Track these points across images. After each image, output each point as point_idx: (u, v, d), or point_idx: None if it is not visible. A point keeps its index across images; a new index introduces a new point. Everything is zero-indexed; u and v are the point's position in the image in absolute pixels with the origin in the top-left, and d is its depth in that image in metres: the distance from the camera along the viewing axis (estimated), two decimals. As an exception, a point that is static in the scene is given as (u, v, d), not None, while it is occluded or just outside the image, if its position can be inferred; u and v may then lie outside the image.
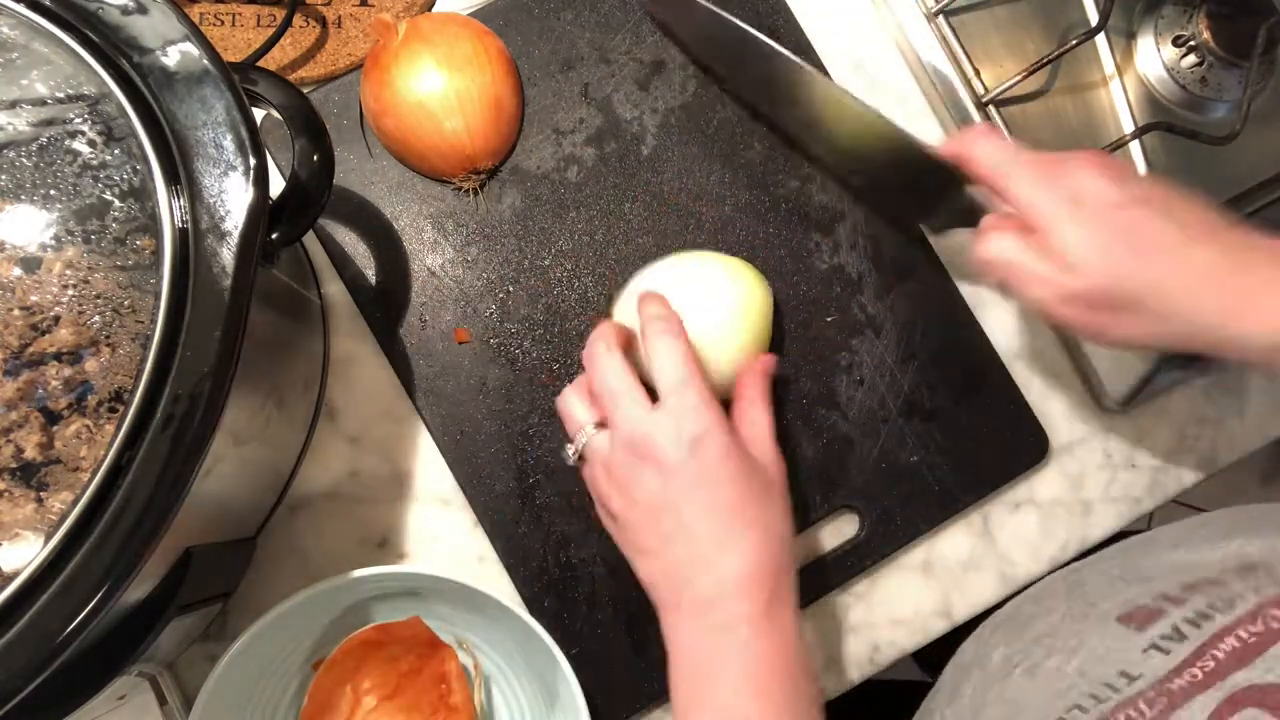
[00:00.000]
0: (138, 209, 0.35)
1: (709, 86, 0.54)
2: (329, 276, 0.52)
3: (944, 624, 0.52)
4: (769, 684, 0.38)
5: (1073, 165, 0.41)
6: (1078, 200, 0.40)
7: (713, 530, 0.40)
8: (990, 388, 0.53)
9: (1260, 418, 0.55)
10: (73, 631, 0.29)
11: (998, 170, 0.42)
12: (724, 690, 0.38)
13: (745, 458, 0.42)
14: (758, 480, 0.42)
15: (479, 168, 0.51)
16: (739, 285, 0.47)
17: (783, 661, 0.39)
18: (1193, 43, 0.55)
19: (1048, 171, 0.41)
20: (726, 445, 0.41)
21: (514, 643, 0.48)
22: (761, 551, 0.40)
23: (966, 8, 0.55)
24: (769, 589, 0.39)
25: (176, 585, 0.38)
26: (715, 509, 0.40)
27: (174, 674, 0.48)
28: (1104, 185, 0.40)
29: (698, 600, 0.40)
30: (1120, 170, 0.41)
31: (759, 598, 0.39)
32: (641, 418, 0.41)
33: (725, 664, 0.39)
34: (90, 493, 0.30)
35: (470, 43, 0.50)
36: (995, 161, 0.42)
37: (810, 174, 0.54)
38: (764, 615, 0.39)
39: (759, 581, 0.39)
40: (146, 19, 0.35)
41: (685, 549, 0.40)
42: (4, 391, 0.34)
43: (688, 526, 0.40)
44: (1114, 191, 0.39)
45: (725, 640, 0.39)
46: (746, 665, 0.38)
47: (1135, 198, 0.39)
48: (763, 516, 0.41)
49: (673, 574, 0.41)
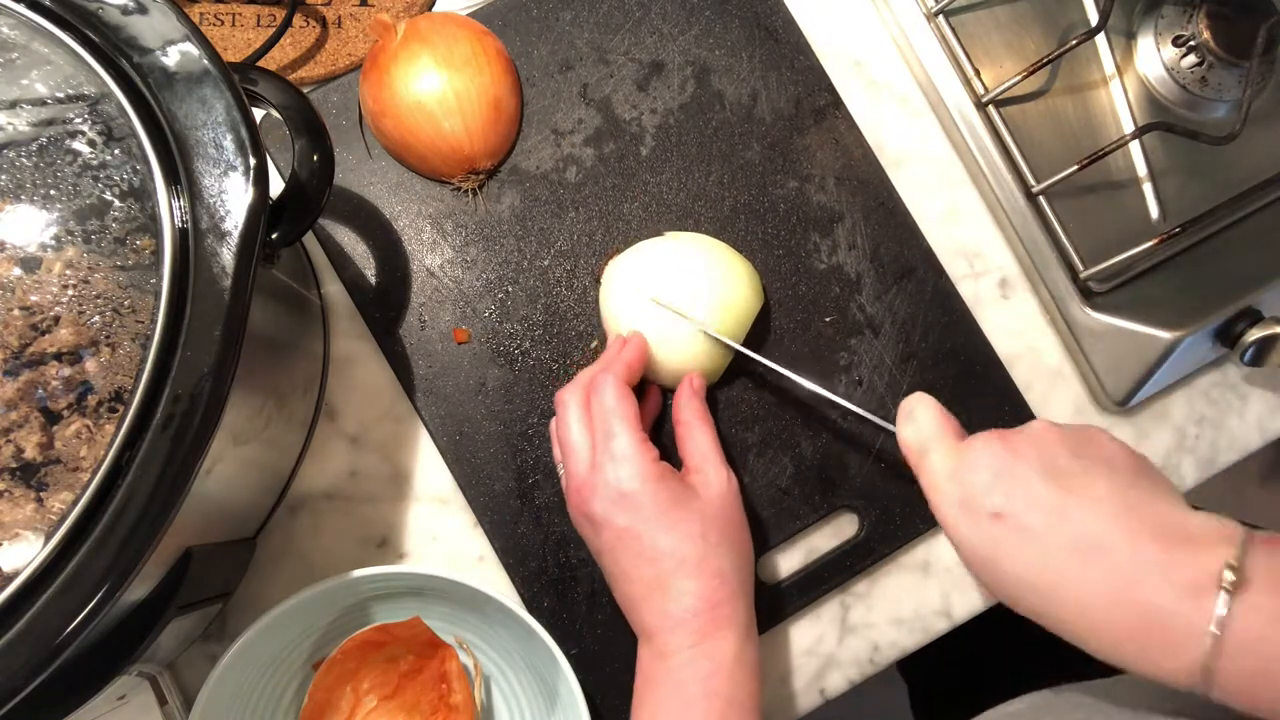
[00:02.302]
0: (138, 209, 0.35)
1: (708, 86, 0.54)
2: (329, 276, 0.52)
3: (944, 624, 0.52)
4: (687, 710, 0.41)
5: (971, 457, 0.38)
6: (965, 502, 0.37)
7: (645, 576, 0.42)
8: (990, 388, 0.53)
9: (1260, 418, 0.55)
10: (73, 631, 0.29)
11: (913, 454, 0.41)
12: (645, 714, 0.42)
13: (677, 503, 0.43)
14: (694, 520, 0.43)
15: (478, 168, 0.51)
16: (724, 266, 0.48)
17: (708, 688, 0.41)
18: (1193, 43, 0.55)
19: (951, 465, 0.39)
20: (654, 494, 0.42)
21: (514, 643, 0.48)
22: (695, 591, 0.42)
23: (966, 8, 0.55)
24: (704, 621, 0.41)
25: (176, 585, 0.38)
26: (645, 558, 0.42)
27: (174, 674, 0.48)
28: (989, 486, 0.37)
29: (642, 628, 0.43)
30: (1020, 455, 0.37)
31: (691, 629, 0.41)
32: (581, 475, 0.44)
33: (654, 689, 0.42)
34: (90, 493, 0.30)
35: (469, 43, 0.50)
36: (914, 444, 0.41)
37: (809, 174, 0.54)
38: (694, 646, 0.41)
39: (694, 615, 0.41)
40: (146, 19, 0.35)
41: (629, 587, 0.43)
42: (4, 391, 0.34)
43: (626, 572, 0.43)
44: (997, 498, 0.36)
45: (659, 667, 0.42)
46: (670, 691, 0.41)
47: (1019, 505, 0.36)
48: (695, 555, 0.42)
49: (627, 605, 0.44)
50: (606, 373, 0.45)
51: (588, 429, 0.45)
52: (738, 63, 0.54)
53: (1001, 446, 0.37)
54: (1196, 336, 0.51)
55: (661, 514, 0.42)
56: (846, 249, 0.53)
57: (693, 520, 0.43)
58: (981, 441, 0.38)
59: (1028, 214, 0.53)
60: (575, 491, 0.44)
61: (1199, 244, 0.54)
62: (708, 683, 0.41)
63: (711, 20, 0.54)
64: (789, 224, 0.53)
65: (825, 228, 0.53)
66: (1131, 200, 0.54)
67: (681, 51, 0.54)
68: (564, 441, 0.45)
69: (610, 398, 0.44)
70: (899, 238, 0.53)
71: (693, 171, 0.53)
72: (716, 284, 0.47)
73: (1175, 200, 0.54)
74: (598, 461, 0.43)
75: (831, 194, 0.53)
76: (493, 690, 0.50)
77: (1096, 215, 0.54)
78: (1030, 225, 0.53)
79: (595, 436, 0.44)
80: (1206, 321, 0.51)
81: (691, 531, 0.42)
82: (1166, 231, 0.51)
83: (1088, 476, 0.36)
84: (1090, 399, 0.54)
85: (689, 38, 0.54)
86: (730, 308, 0.48)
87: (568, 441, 0.45)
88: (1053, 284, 0.53)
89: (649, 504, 0.42)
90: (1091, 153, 0.51)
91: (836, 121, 0.54)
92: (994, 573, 0.36)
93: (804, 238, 0.53)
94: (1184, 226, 0.51)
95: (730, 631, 0.42)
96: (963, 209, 0.55)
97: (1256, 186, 0.54)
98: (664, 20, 0.54)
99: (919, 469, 0.40)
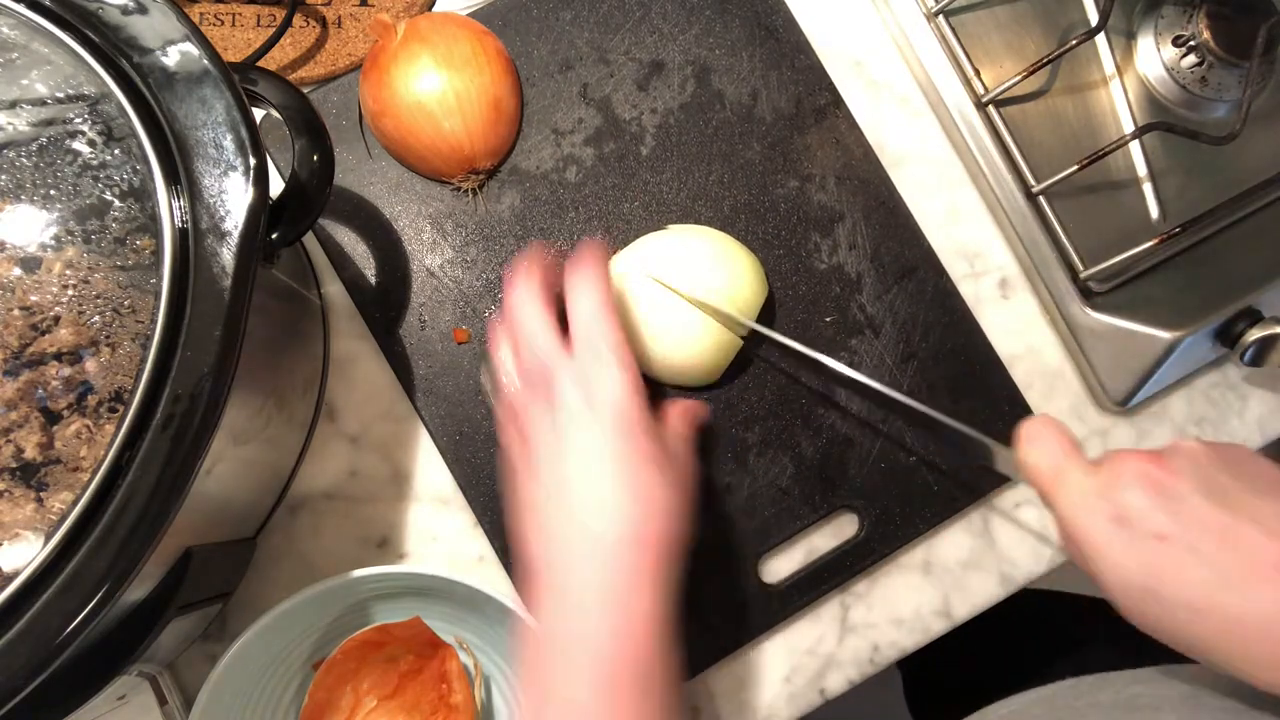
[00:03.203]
0: (138, 209, 0.35)
1: (708, 86, 0.54)
2: (329, 276, 0.52)
3: (944, 624, 0.52)
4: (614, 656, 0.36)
5: (1125, 476, 0.37)
6: (1121, 520, 0.36)
7: (592, 485, 0.38)
8: (990, 388, 0.53)
9: (1260, 418, 0.55)
10: (73, 631, 0.29)
11: (1045, 477, 0.39)
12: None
13: (647, 427, 0.39)
14: (658, 456, 0.39)
15: (478, 168, 0.51)
16: (729, 255, 0.48)
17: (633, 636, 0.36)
18: (1193, 43, 0.55)
19: (1096, 484, 0.38)
20: (626, 400, 0.38)
21: (514, 643, 0.48)
22: (643, 519, 0.37)
23: (966, 8, 0.55)
24: (650, 556, 0.37)
25: (176, 585, 0.38)
26: (601, 461, 0.38)
27: (174, 674, 0.48)
28: (1150, 506, 0.36)
29: (559, 562, 0.38)
30: (1179, 474, 0.36)
31: (625, 562, 0.36)
32: (549, 351, 0.40)
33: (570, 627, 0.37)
34: (90, 493, 0.30)
35: (469, 43, 0.50)
36: (1045, 467, 0.40)
37: (810, 174, 0.54)
38: (627, 584, 0.36)
39: (634, 545, 0.37)
40: (146, 19, 0.35)
41: (559, 503, 0.38)
42: (4, 391, 0.34)
43: (569, 479, 0.38)
44: (1160, 518, 0.35)
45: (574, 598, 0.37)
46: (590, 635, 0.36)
47: (1184, 526, 0.35)
48: (651, 487, 0.38)
49: (548, 531, 0.39)
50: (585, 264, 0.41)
51: (546, 311, 0.41)
52: (738, 62, 0.54)
53: (1157, 466, 0.36)
54: (1196, 336, 0.51)
55: (632, 426, 0.38)
56: (847, 249, 0.53)
57: (656, 455, 0.39)
58: (1135, 460, 0.37)
59: (1028, 214, 0.53)
60: (527, 373, 0.40)
61: (1199, 244, 0.54)
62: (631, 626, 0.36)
63: (712, 19, 0.54)
64: (789, 223, 0.53)
65: (826, 227, 0.53)
66: (1131, 200, 0.54)
67: (682, 51, 0.54)
68: (514, 318, 0.41)
69: (587, 277, 0.40)
70: (899, 237, 0.53)
71: (693, 171, 0.53)
72: (722, 273, 0.48)
73: (1175, 200, 0.54)
74: (577, 340, 0.40)
75: (832, 194, 0.53)
76: (493, 690, 0.50)
77: (1096, 215, 0.54)
78: (1030, 225, 0.53)
79: (570, 316, 0.40)
80: (1206, 321, 0.51)
81: (655, 466, 0.39)
82: (1166, 231, 0.51)
83: (1252, 496, 0.35)
84: (1090, 399, 0.54)
85: (689, 37, 0.54)
86: (737, 297, 0.48)
87: (518, 317, 0.41)
88: (1053, 284, 0.53)
89: (620, 407, 0.38)
90: (1091, 153, 0.51)
91: (837, 121, 0.54)
92: (1152, 595, 0.35)
93: (804, 237, 0.53)
94: (1184, 226, 0.51)
95: (652, 593, 0.37)
96: (963, 209, 0.55)
97: (1256, 186, 0.54)
98: (664, 20, 0.54)
99: (1054, 491, 0.39)
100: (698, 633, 0.49)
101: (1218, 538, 0.34)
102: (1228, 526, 0.34)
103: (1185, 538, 0.35)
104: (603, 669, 0.35)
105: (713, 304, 0.47)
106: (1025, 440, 0.41)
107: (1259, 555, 0.33)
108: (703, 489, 0.50)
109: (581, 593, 0.36)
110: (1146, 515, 0.35)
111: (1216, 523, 0.34)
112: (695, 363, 0.48)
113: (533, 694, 0.37)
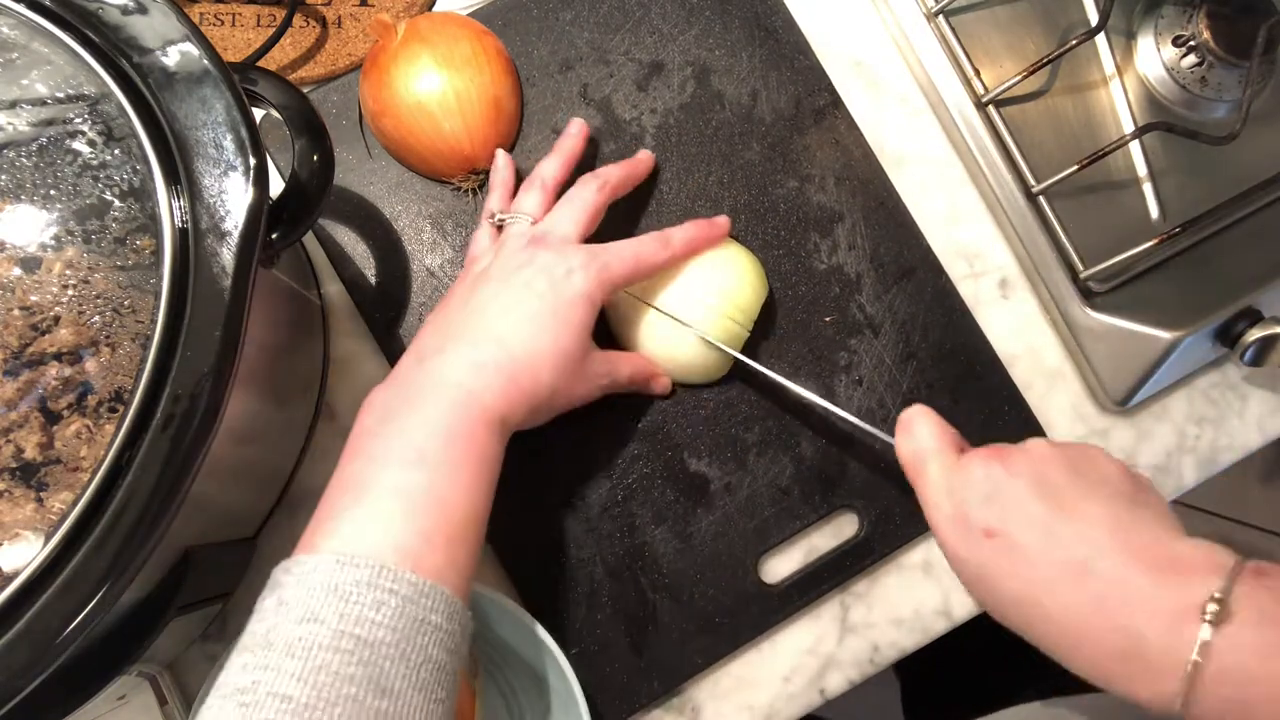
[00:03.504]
0: (138, 209, 0.35)
1: (708, 86, 0.54)
2: (329, 276, 0.52)
3: (944, 624, 0.52)
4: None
5: (967, 473, 0.38)
6: (959, 517, 0.37)
7: (513, 315, 0.42)
8: (990, 388, 0.53)
9: (1260, 418, 0.55)
10: (73, 631, 0.29)
11: (910, 467, 0.41)
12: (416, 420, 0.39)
13: (589, 321, 0.44)
14: (575, 318, 0.43)
15: (478, 168, 0.51)
16: (729, 256, 0.49)
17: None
18: (1193, 43, 0.55)
19: (946, 480, 0.39)
20: (589, 283, 0.43)
21: (514, 642, 0.48)
22: (527, 362, 0.41)
23: (966, 8, 0.55)
24: (514, 393, 0.41)
25: (176, 585, 0.38)
26: (540, 302, 0.42)
27: (174, 674, 0.48)
28: (982, 503, 0.37)
29: (438, 348, 0.41)
30: (1016, 474, 0.36)
31: (493, 384, 0.40)
32: (530, 202, 0.47)
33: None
34: (90, 493, 0.30)
35: (469, 43, 0.50)
36: (909, 458, 0.41)
37: (809, 174, 0.54)
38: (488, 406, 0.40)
39: (509, 380, 0.41)
40: (146, 19, 0.35)
41: (479, 311, 0.42)
42: (4, 391, 0.34)
43: (499, 299, 0.43)
44: (989, 515, 0.36)
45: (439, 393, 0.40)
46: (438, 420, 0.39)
47: (1011, 524, 0.36)
48: (561, 337, 0.42)
49: (449, 324, 0.43)
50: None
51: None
52: (738, 63, 0.54)
53: (998, 463, 0.37)
54: (1196, 336, 0.51)
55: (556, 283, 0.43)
56: (846, 249, 0.53)
57: (574, 311, 0.43)
58: (979, 458, 0.38)
59: (1028, 214, 0.53)
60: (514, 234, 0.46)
61: (1199, 244, 0.54)
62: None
63: (711, 20, 0.54)
64: (789, 224, 0.53)
65: (825, 228, 0.53)
66: (1131, 200, 0.54)
67: (681, 51, 0.54)
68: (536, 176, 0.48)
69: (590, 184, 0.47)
70: (899, 238, 0.53)
71: (693, 171, 0.53)
72: (723, 273, 0.48)
73: (1175, 200, 0.54)
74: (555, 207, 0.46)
75: (831, 194, 0.53)
76: (493, 690, 0.50)
77: (1096, 215, 0.54)
78: (1030, 225, 0.53)
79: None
80: (1206, 321, 0.51)
81: (564, 323, 0.43)
82: (1166, 231, 0.51)
83: (1082, 497, 0.36)
84: (1090, 399, 0.54)
85: (689, 37, 0.54)
86: (738, 297, 0.48)
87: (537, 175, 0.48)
88: (1053, 284, 0.53)
89: (551, 260, 0.44)
90: (1091, 153, 0.51)
91: (836, 121, 0.54)
92: (984, 588, 0.37)
93: (804, 238, 0.53)
94: (1184, 226, 0.51)
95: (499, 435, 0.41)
96: (963, 209, 0.55)
97: (1256, 186, 0.54)
98: (664, 20, 0.54)
99: (916, 482, 0.40)
100: (697, 632, 0.49)
101: (1041, 537, 0.35)
102: (1050, 526, 0.35)
103: (1011, 535, 0.35)
104: (442, 423, 0.39)
105: (696, 327, 0.47)
106: (899, 430, 0.42)
107: (1073, 555, 0.34)
108: (703, 489, 0.50)
109: (444, 372, 0.40)
110: (978, 512, 0.36)
111: (1041, 522, 0.35)
112: (701, 364, 0.48)
113: (372, 426, 0.40)
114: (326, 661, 0.31)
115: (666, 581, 0.50)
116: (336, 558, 0.34)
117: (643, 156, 0.51)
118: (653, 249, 0.46)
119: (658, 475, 0.50)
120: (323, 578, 0.33)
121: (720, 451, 0.51)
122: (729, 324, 0.48)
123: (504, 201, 0.49)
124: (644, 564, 0.50)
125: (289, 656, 0.31)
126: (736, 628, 0.50)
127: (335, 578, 0.33)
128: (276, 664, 0.31)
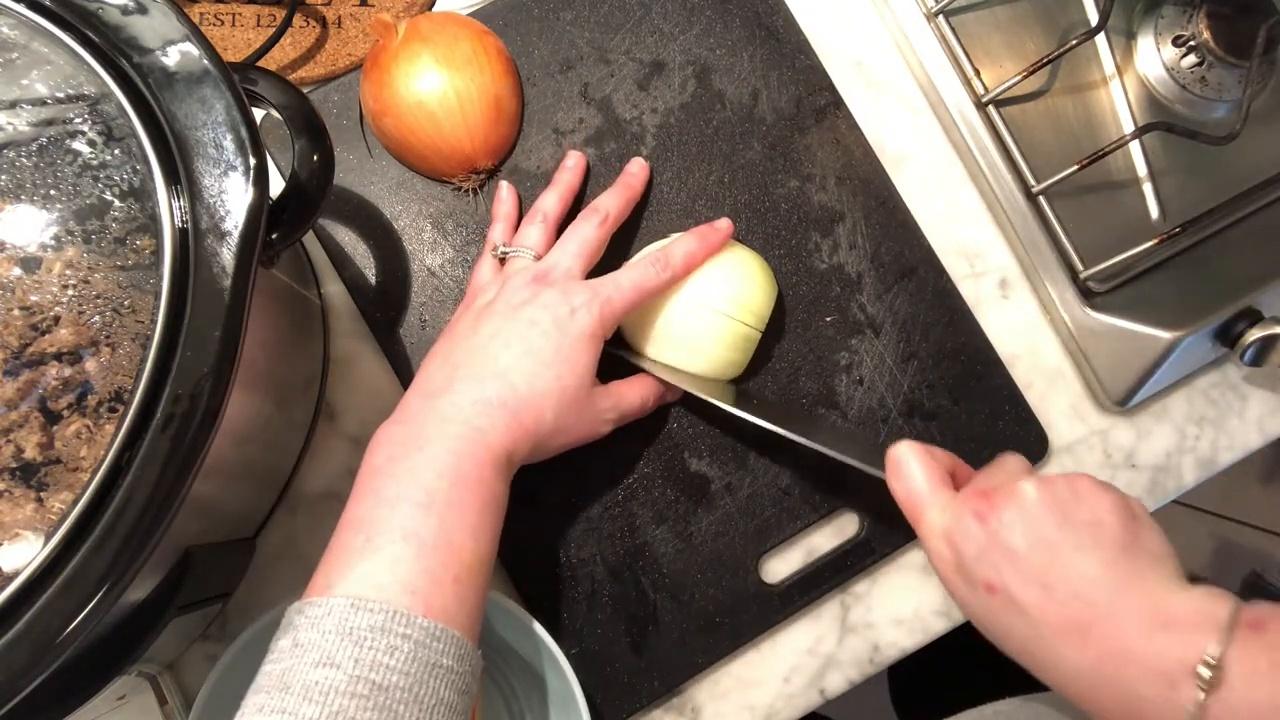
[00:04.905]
0: (138, 209, 0.35)
1: (708, 86, 0.54)
2: (329, 276, 0.52)
3: (944, 624, 0.52)
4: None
5: (962, 524, 0.38)
6: (960, 568, 0.38)
7: (517, 351, 0.43)
8: (990, 388, 0.53)
9: (1260, 418, 0.55)
10: (73, 631, 0.29)
11: (907, 510, 0.41)
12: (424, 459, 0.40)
13: (592, 362, 0.44)
14: (578, 357, 0.43)
15: (478, 167, 0.51)
16: (738, 258, 0.48)
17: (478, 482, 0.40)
18: (1193, 43, 0.55)
19: (944, 526, 0.39)
20: (593, 323, 0.44)
21: (514, 642, 0.48)
22: (531, 402, 0.42)
23: (966, 8, 0.55)
24: (517, 430, 0.41)
25: (176, 585, 0.38)
26: (545, 338, 0.43)
27: (174, 674, 0.48)
28: (980, 558, 0.37)
29: (446, 386, 0.42)
30: (1010, 527, 0.36)
31: (497, 421, 0.41)
32: (532, 237, 0.48)
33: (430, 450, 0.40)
34: (90, 493, 0.30)
35: (470, 42, 0.50)
36: (905, 501, 0.41)
37: (810, 174, 0.54)
38: (489, 436, 0.41)
39: (512, 416, 0.41)
40: (146, 19, 0.35)
41: (483, 350, 0.43)
42: (4, 391, 0.34)
43: (503, 334, 0.43)
44: (989, 571, 0.36)
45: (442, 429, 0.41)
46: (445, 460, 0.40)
47: (1010, 580, 0.36)
48: (564, 375, 0.43)
49: (455, 359, 0.43)
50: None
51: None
52: (738, 62, 0.54)
53: (991, 515, 0.37)
54: (1196, 336, 0.51)
55: (554, 317, 0.44)
56: (847, 249, 0.53)
57: (578, 356, 0.44)
58: (970, 509, 0.38)
59: (1028, 214, 0.53)
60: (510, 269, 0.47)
61: (1199, 244, 0.54)
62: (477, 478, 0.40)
63: (712, 20, 0.54)
64: (790, 224, 0.53)
65: (826, 227, 0.53)
66: (1131, 200, 0.54)
67: (682, 51, 0.54)
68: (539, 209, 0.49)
69: (590, 219, 0.48)
70: (899, 237, 0.53)
71: (693, 171, 0.53)
72: (734, 276, 0.48)
73: (1175, 200, 0.54)
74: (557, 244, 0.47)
75: (832, 194, 0.53)
76: (492, 690, 0.50)
77: (1096, 215, 0.54)
78: (1030, 225, 0.53)
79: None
80: (1206, 321, 0.51)
81: (567, 362, 0.43)
82: (1166, 231, 0.51)
83: (1076, 548, 0.36)
84: (1090, 399, 0.54)
85: (690, 37, 0.54)
86: (750, 300, 0.47)
87: (539, 209, 0.49)
88: (1053, 284, 0.53)
89: (553, 298, 0.44)
90: (1091, 153, 0.51)
91: (837, 121, 0.54)
92: (992, 636, 0.38)
93: (805, 237, 0.53)
94: (1184, 226, 0.51)
95: (502, 471, 0.41)
96: (963, 209, 0.55)
97: (1256, 186, 0.54)
98: (665, 19, 0.54)
99: (915, 527, 0.40)
100: (698, 632, 0.49)
101: (1039, 596, 0.35)
102: (1048, 583, 0.35)
103: (1010, 590, 0.36)
104: (450, 464, 0.39)
105: (709, 336, 0.47)
106: (888, 471, 0.41)
107: (1067, 614, 0.35)
108: (703, 489, 0.50)
109: (451, 411, 0.41)
110: (978, 567, 0.37)
111: (1038, 580, 0.35)
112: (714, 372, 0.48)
113: (381, 465, 0.40)
114: (344, 707, 0.32)
115: (667, 581, 0.50)
116: (351, 601, 0.34)
117: (636, 170, 0.51)
118: (653, 275, 0.46)
119: (658, 475, 0.50)
120: (337, 621, 0.34)
121: (721, 451, 0.51)
122: (742, 328, 0.48)
123: (507, 234, 0.50)
124: (644, 564, 0.50)
125: (306, 701, 0.32)
126: (737, 627, 0.50)
127: (350, 622, 0.34)
128: (294, 709, 0.32)
